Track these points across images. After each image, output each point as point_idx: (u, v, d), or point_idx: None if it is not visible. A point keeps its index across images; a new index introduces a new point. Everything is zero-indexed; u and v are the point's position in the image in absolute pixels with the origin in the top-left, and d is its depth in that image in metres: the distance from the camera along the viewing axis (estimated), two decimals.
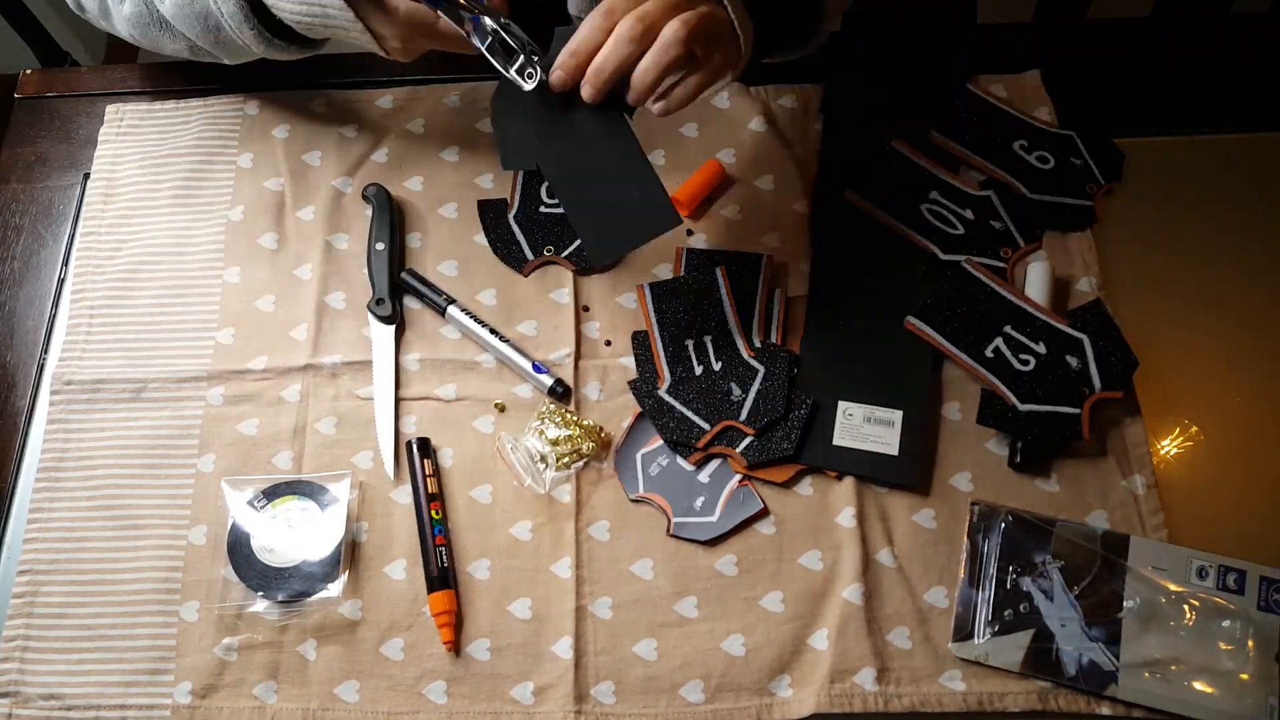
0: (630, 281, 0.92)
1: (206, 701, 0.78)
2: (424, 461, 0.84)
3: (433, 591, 0.80)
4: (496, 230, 0.95)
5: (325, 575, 0.81)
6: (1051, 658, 0.77)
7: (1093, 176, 0.95)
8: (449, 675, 0.79)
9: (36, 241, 0.98)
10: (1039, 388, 0.85)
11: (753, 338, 0.89)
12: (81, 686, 0.79)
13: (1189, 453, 0.86)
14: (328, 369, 0.89)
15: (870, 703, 0.77)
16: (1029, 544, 0.81)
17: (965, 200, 0.94)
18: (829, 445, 0.85)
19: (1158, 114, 0.99)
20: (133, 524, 0.84)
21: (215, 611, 0.81)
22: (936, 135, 0.97)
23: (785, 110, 1.01)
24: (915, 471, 0.84)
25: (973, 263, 0.90)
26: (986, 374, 0.86)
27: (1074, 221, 0.93)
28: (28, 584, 0.82)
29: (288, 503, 0.83)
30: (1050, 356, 0.86)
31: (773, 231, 0.95)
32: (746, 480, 0.84)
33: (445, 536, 0.83)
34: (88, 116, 1.04)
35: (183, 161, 0.99)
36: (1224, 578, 0.79)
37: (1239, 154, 0.98)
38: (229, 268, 0.94)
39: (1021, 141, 0.97)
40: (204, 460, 0.86)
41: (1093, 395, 0.84)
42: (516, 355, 0.88)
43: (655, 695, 0.78)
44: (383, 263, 0.92)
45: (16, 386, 0.91)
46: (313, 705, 0.78)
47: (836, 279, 0.92)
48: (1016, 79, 1.02)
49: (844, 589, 0.80)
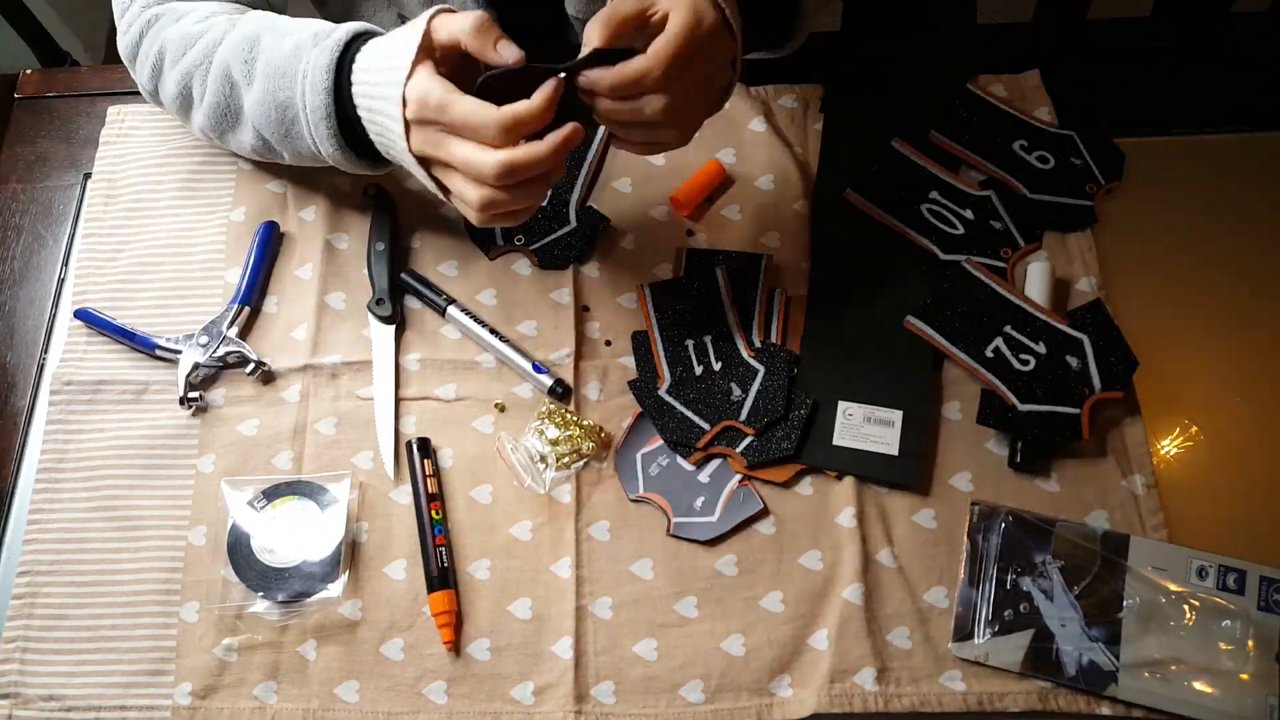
0: (630, 282, 0.93)
1: (207, 702, 0.78)
2: (424, 461, 0.84)
3: (432, 591, 0.80)
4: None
5: (325, 575, 0.81)
6: (1051, 658, 0.77)
7: (1093, 176, 0.95)
8: (449, 675, 0.79)
9: (36, 242, 0.98)
10: (1039, 387, 0.85)
11: (753, 337, 0.89)
12: (82, 687, 0.79)
13: (1189, 452, 0.86)
14: (328, 369, 0.89)
15: (870, 703, 0.77)
16: (1029, 544, 0.81)
17: (965, 200, 0.94)
18: (829, 445, 0.85)
19: (1157, 114, 0.99)
20: (133, 525, 0.84)
21: (215, 612, 0.81)
22: (936, 135, 0.97)
23: (785, 110, 1.01)
24: (915, 472, 0.84)
25: (972, 262, 0.90)
26: (986, 374, 0.86)
27: (1074, 221, 0.93)
28: (27, 585, 0.82)
29: (288, 503, 0.83)
30: (1050, 356, 0.86)
31: (773, 231, 0.95)
32: (747, 480, 0.84)
33: (445, 536, 0.82)
34: (88, 117, 1.04)
35: (184, 162, 0.99)
36: (1224, 578, 0.79)
37: (1239, 154, 0.97)
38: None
39: (1021, 141, 0.97)
40: (204, 461, 0.86)
41: (1093, 395, 0.84)
42: (516, 355, 0.88)
43: (655, 695, 0.78)
44: (383, 263, 0.92)
45: (16, 386, 0.91)
46: (313, 705, 0.78)
47: (836, 279, 0.92)
48: (1016, 79, 1.02)
49: (844, 589, 0.80)
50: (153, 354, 0.89)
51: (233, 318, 0.89)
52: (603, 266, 0.94)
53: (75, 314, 0.91)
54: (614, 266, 0.94)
